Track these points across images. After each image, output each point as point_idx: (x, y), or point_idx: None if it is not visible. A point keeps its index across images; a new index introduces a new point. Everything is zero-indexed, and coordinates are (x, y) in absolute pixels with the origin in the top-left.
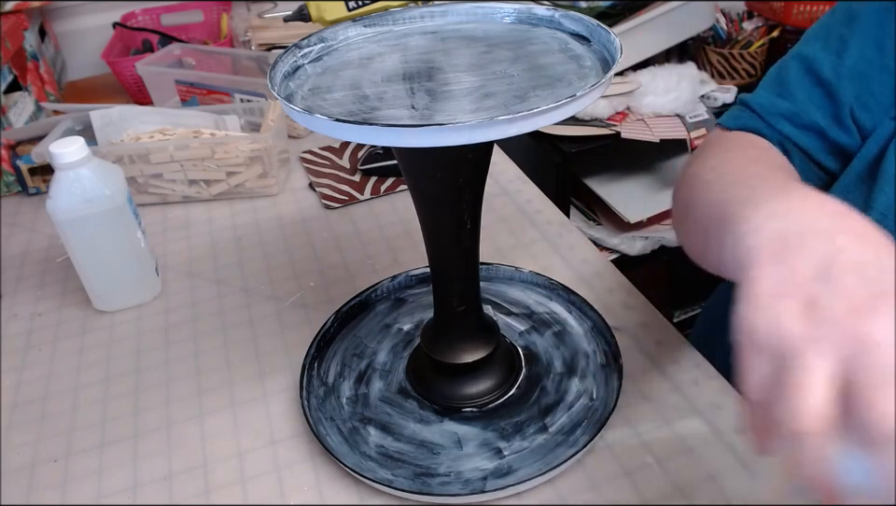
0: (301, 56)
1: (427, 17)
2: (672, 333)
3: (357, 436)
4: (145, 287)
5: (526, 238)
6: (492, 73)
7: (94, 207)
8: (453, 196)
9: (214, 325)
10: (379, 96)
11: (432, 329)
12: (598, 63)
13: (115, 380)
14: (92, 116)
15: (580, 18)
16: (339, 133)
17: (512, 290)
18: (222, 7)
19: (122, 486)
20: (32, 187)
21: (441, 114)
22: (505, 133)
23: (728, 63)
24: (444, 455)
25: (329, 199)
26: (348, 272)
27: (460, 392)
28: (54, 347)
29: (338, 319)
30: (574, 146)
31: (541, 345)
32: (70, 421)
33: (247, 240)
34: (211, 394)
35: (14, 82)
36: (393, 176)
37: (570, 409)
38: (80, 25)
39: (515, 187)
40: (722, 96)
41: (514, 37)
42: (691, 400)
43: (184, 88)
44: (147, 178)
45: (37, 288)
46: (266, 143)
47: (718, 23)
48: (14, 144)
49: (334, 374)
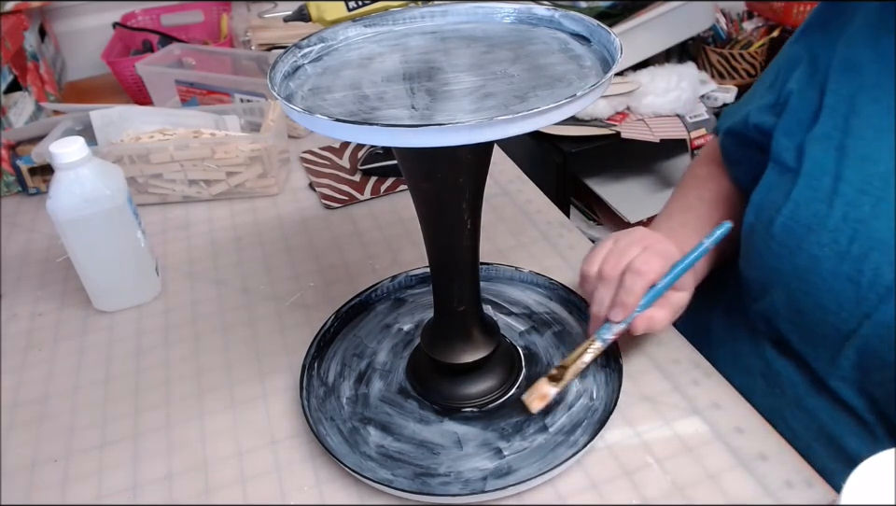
0: (301, 56)
1: (427, 17)
2: (672, 333)
3: (357, 436)
4: (145, 287)
5: (526, 238)
6: (492, 73)
7: (94, 207)
8: (453, 196)
9: (214, 325)
10: (379, 96)
11: (432, 329)
12: (598, 63)
13: (115, 380)
14: (92, 116)
15: (580, 18)
16: (339, 133)
17: (512, 290)
18: (222, 7)
19: (122, 486)
20: (32, 187)
21: (441, 114)
22: (505, 133)
23: (728, 63)
24: (444, 455)
25: (328, 199)
26: (348, 272)
27: (460, 392)
28: (54, 347)
29: (338, 319)
30: (574, 146)
31: (541, 345)
32: (70, 421)
33: (247, 240)
34: (211, 394)
35: (14, 82)
36: (393, 176)
37: (570, 409)
38: (80, 25)
39: (515, 187)
40: (722, 96)
41: (514, 37)
42: (691, 400)
43: (184, 88)
44: (146, 178)
45: (37, 288)
46: (266, 143)
47: (718, 23)
48: (14, 144)
49: (334, 374)
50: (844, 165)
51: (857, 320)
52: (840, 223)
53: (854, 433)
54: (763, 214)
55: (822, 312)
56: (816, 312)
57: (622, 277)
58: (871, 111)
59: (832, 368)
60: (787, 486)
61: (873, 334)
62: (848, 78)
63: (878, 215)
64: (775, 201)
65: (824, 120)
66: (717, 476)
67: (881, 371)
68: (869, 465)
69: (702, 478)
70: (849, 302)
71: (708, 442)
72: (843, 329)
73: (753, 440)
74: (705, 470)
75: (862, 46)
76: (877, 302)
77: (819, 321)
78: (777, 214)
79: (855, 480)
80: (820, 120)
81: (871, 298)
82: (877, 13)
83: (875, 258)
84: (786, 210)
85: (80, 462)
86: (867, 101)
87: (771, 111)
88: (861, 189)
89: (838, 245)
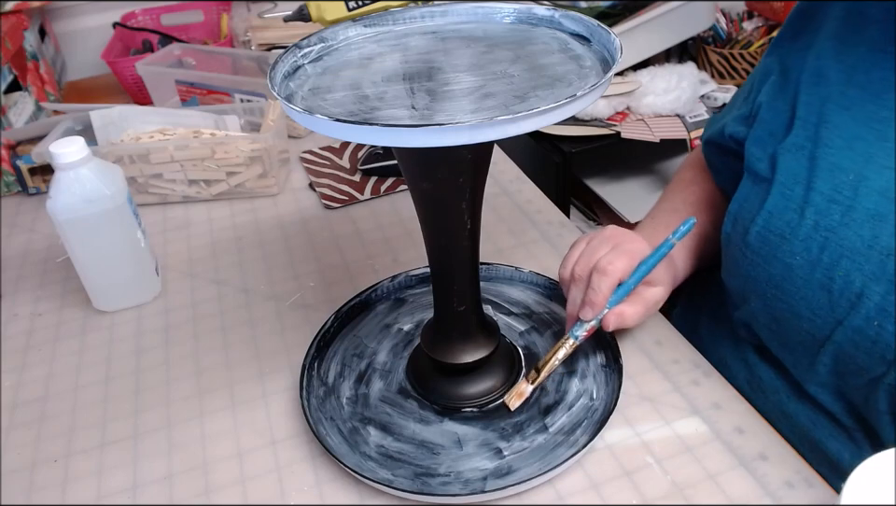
0: (301, 56)
1: (427, 17)
2: (672, 333)
3: (357, 436)
4: (145, 287)
5: (526, 238)
6: (492, 73)
7: (94, 207)
8: (453, 196)
9: (214, 325)
10: (379, 96)
11: (432, 329)
12: (598, 63)
13: (115, 380)
14: (92, 116)
15: (580, 18)
16: (339, 133)
17: (512, 290)
18: (222, 7)
19: (122, 486)
20: (32, 187)
21: (441, 114)
22: (505, 133)
23: (728, 63)
24: (444, 455)
25: (329, 199)
26: (348, 272)
27: (460, 392)
28: (54, 347)
29: (338, 319)
30: (574, 146)
31: (541, 345)
32: (70, 421)
33: (247, 240)
34: (211, 394)
35: (14, 82)
36: (393, 176)
37: (570, 409)
38: (80, 25)
39: (515, 187)
40: (722, 96)
41: (514, 37)
42: (691, 400)
43: (184, 88)
44: (147, 178)
45: (37, 288)
46: (266, 143)
47: (718, 23)
48: (14, 144)
49: (334, 374)
50: (815, 175)
51: (830, 327)
52: (811, 232)
53: (834, 437)
54: (738, 224)
55: (797, 319)
56: (791, 319)
57: (589, 277)
58: (839, 120)
59: (810, 374)
60: (787, 486)
61: (846, 340)
62: (818, 89)
63: (847, 223)
64: (750, 211)
65: (797, 131)
66: (717, 476)
67: (856, 376)
68: (869, 465)
69: (702, 478)
70: (822, 309)
71: (708, 442)
72: (818, 335)
73: (753, 440)
74: (705, 470)
75: (829, 58)
76: (849, 308)
77: (794, 328)
78: (751, 223)
79: (855, 480)
80: (793, 131)
81: (842, 304)
82: (842, 25)
83: (844, 265)
84: (760, 220)
85: (80, 462)
86: (836, 110)
87: (745, 122)
88: (832, 197)
89: (810, 254)
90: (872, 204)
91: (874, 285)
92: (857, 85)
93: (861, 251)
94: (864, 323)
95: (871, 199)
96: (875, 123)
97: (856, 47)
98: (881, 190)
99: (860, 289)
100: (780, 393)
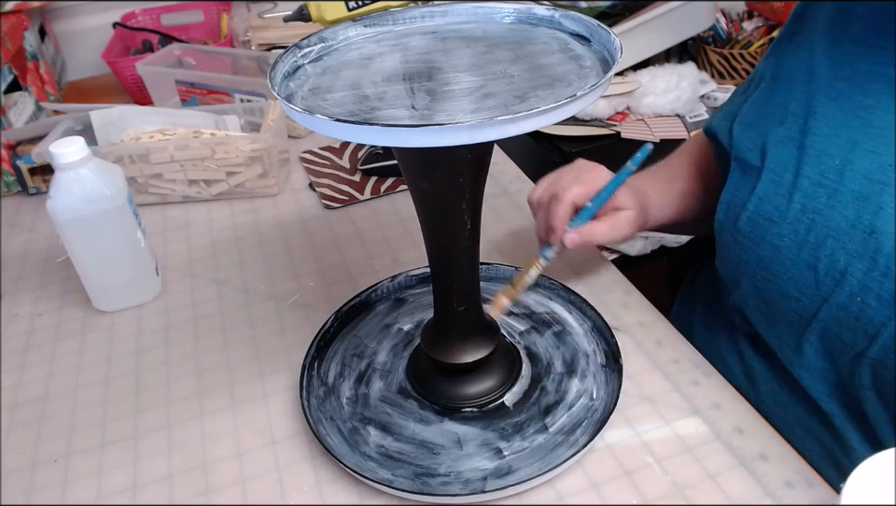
0: (301, 56)
1: (427, 17)
2: (672, 333)
3: (357, 436)
4: (145, 287)
5: (526, 238)
6: (492, 73)
7: (94, 207)
8: (453, 196)
9: (214, 325)
10: (379, 96)
11: (432, 329)
12: (598, 63)
13: (115, 380)
14: (92, 116)
15: (580, 18)
16: (339, 133)
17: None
18: (222, 7)
19: (122, 486)
20: (32, 187)
21: (441, 114)
22: (505, 133)
23: (728, 63)
24: (444, 455)
25: (329, 199)
26: (348, 272)
27: (460, 392)
28: (54, 347)
29: (338, 319)
30: (574, 146)
31: (541, 345)
32: (70, 421)
33: (247, 240)
34: (211, 394)
35: (14, 82)
36: (393, 176)
37: (570, 409)
38: (80, 25)
39: (515, 187)
40: (722, 96)
41: (514, 37)
42: (691, 400)
43: (184, 88)
44: (147, 178)
45: (37, 288)
46: (266, 143)
47: (718, 23)
48: (14, 144)
49: (334, 374)
50: (803, 162)
51: (816, 305)
52: (799, 214)
53: (822, 424)
54: (730, 211)
55: (785, 299)
56: (780, 300)
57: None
58: (827, 111)
59: (796, 355)
60: (787, 486)
61: (831, 317)
62: (808, 86)
63: (833, 205)
64: (741, 198)
65: (788, 125)
66: (717, 476)
67: (841, 352)
68: (869, 465)
69: (702, 478)
70: (809, 288)
71: (708, 442)
72: (804, 314)
73: (753, 440)
74: (705, 470)
75: (820, 55)
76: (833, 286)
77: (783, 309)
78: (742, 210)
79: (855, 480)
80: (785, 125)
81: (827, 283)
82: (831, 23)
83: (829, 245)
84: (751, 205)
85: (80, 462)
86: (824, 101)
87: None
88: (818, 182)
89: (797, 235)
90: (857, 186)
91: (856, 262)
92: (843, 78)
93: (846, 231)
94: (848, 299)
95: (856, 181)
96: (860, 111)
97: (843, 43)
98: (865, 173)
99: (843, 267)
100: (773, 383)
